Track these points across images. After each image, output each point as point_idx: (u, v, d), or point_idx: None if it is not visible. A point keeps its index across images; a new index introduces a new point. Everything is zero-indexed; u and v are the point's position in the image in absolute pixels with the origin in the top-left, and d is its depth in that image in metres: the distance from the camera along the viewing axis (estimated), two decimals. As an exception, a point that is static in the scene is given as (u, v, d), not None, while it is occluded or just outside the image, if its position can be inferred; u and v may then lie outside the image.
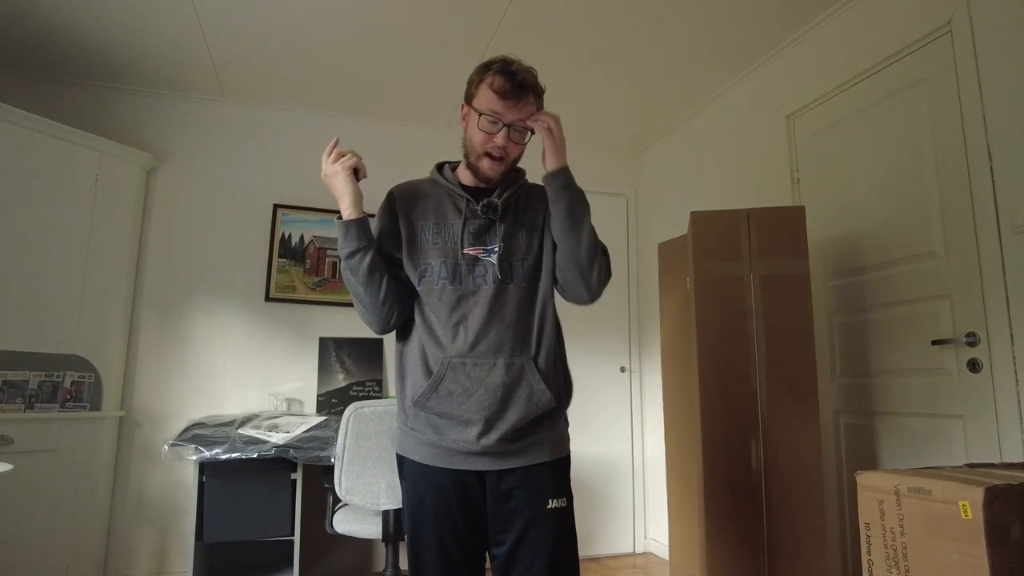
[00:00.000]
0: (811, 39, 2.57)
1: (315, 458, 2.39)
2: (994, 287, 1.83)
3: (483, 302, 1.30)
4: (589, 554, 3.46)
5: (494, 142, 1.29)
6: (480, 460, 1.28)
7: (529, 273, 1.34)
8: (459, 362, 1.27)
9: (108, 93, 3.10)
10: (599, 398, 3.62)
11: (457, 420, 1.27)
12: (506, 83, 1.25)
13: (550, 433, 1.32)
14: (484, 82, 1.28)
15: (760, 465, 2.05)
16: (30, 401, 2.49)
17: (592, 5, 2.44)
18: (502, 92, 1.25)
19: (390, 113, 3.43)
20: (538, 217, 1.38)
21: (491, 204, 1.33)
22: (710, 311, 2.16)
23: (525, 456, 1.29)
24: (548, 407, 1.29)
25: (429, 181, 1.43)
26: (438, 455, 1.29)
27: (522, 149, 1.36)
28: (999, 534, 1.10)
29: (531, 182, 1.44)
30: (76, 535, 2.60)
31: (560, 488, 1.31)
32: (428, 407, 1.28)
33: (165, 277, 3.07)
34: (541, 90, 1.32)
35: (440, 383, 1.27)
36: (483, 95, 1.28)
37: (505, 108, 1.26)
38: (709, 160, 3.24)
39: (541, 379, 1.29)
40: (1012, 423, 1.76)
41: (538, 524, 1.26)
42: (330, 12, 2.51)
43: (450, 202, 1.37)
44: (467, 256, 1.32)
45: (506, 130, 1.28)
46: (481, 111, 1.28)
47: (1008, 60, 1.83)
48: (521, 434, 1.28)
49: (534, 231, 1.37)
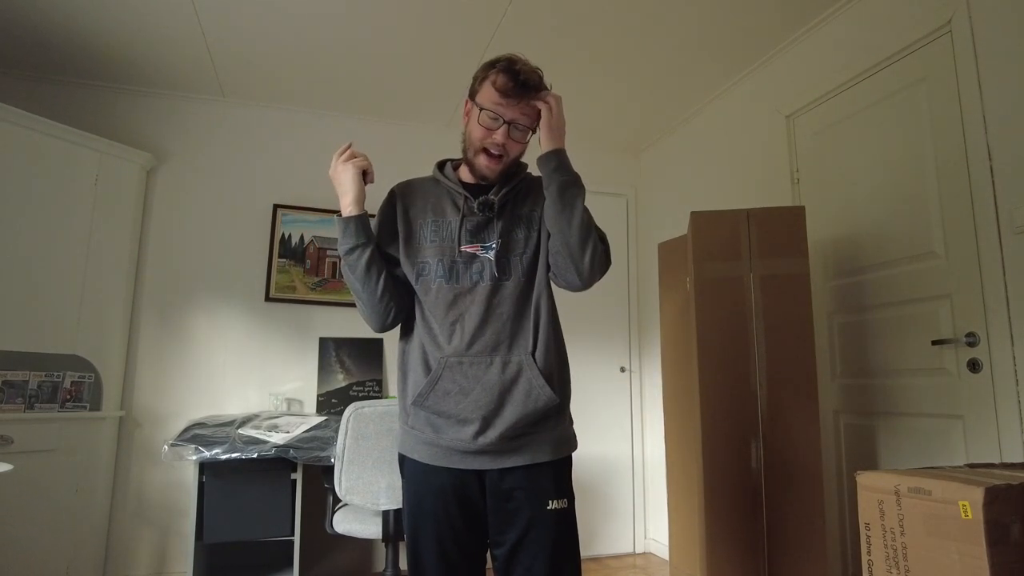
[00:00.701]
0: (811, 39, 2.57)
1: (315, 458, 2.39)
2: (994, 287, 1.83)
3: (479, 300, 1.30)
4: (589, 554, 3.46)
5: (493, 138, 1.29)
6: (479, 459, 1.28)
7: (527, 268, 1.33)
8: (456, 361, 1.27)
9: (108, 93, 3.10)
10: (599, 398, 3.62)
11: (455, 419, 1.27)
12: (509, 81, 1.25)
13: (552, 431, 1.31)
14: (488, 79, 1.28)
15: (760, 465, 2.05)
16: (30, 401, 2.49)
17: (592, 5, 2.44)
18: (504, 90, 1.25)
19: (390, 113, 3.43)
20: (536, 210, 1.37)
21: (487, 202, 1.32)
22: (710, 311, 2.16)
23: (526, 454, 1.28)
24: (549, 404, 1.28)
25: (431, 179, 1.43)
26: (437, 454, 1.29)
27: (522, 148, 1.35)
28: (999, 534, 1.10)
29: (533, 175, 1.43)
30: (76, 535, 2.60)
31: (561, 489, 1.30)
32: (426, 406, 1.28)
33: (165, 277, 3.07)
34: (547, 91, 1.31)
35: (437, 382, 1.27)
36: (486, 91, 1.28)
37: (507, 106, 1.26)
38: (709, 160, 3.24)
39: (540, 375, 1.28)
40: (1012, 423, 1.76)
41: (538, 525, 1.25)
42: (330, 12, 2.51)
43: (449, 199, 1.37)
44: (464, 253, 1.32)
45: (506, 127, 1.28)
46: (483, 106, 1.28)
47: (1008, 60, 1.83)
48: (522, 431, 1.27)
49: (532, 224, 1.36)
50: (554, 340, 1.33)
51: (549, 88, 1.31)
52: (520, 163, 1.40)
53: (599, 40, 2.68)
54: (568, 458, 1.35)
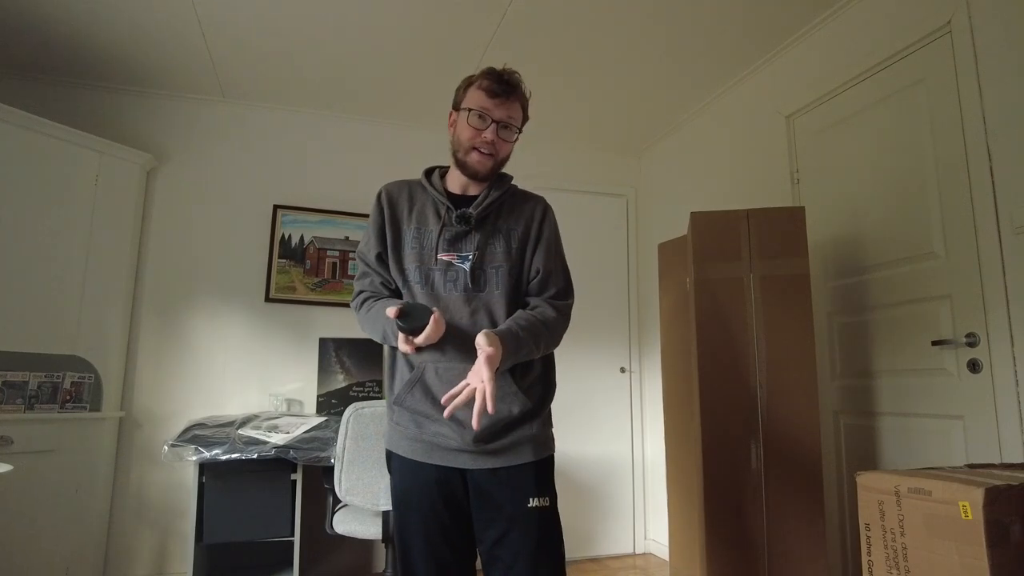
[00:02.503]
0: (811, 39, 2.57)
1: (315, 459, 2.39)
2: (994, 287, 1.83)
3: (454, 308, 1.32)
4: (589, 554, 3.46)
5: (483, 137, 1.33)
6: (460, 457, 1.30)
7: (502, 280, 1.35)
8: (432, 366, 1.31)
9: (108, 93, 3.10)
10: (599, 398, 3.62)
11: (433, 418, 1.30)
12: (495, 82, 1.32)
13: (532, 433, 1.32)
14: (473, 84, 1.35)
15: (760, 465, 2.05)
16: (30, 402, 2.49)
17: (592, 5, 2.44)
18: (491, 91, 1.32)
19: (390, 113, 3.43)
20: (518, 227, 1.40)
21: (464, 215, 1.35)
22: (710, 311, 2.16)
23: (508, 456, 1.30)
24: (523, 409, 1.30)
25: (418, 184, 1.46)
26: (420, 449, 1.32)
27: (511, 148, 1.39)
28: (999, 534, 1.10)
29: (518, 187, 1.47)
30: (76, 535, 2.60)
31: (543, 488, 1.31)
32: (406, 405, 1.32)
33: (165, 277, 3.07)
34: (526, 96, 1.39)
35: (416, 384, 1.31)
36: (472, 96, 1.34)
37: (494, 106, 1.32)
38: (709, 160, 3.24)
39: (513, 383, 1.30)
40: (1012, 423, 1.76)
41: (520, 523, 1.27)
42: (330, 12, 2.51)
43: (432, 208, 1.40)
44: (441, 262, 1.35)
45: (495, 126, 1.33)
46: (471, 108, 1.33)
47: (1008, 60, 1.83)
48: (496, 436, 1.29)
49: (512, 240, 1.39)
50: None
51: (529, 95, 1.39)
52: (505, 175, 1.44)
53: (599, 40, 2.68)
54: (549, 458, 1.37)
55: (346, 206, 3.33)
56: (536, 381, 1.37)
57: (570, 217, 3.72)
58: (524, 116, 1.40)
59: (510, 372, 1.30)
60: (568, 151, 3.78)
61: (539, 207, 1.45)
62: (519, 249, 1.39)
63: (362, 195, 3.29)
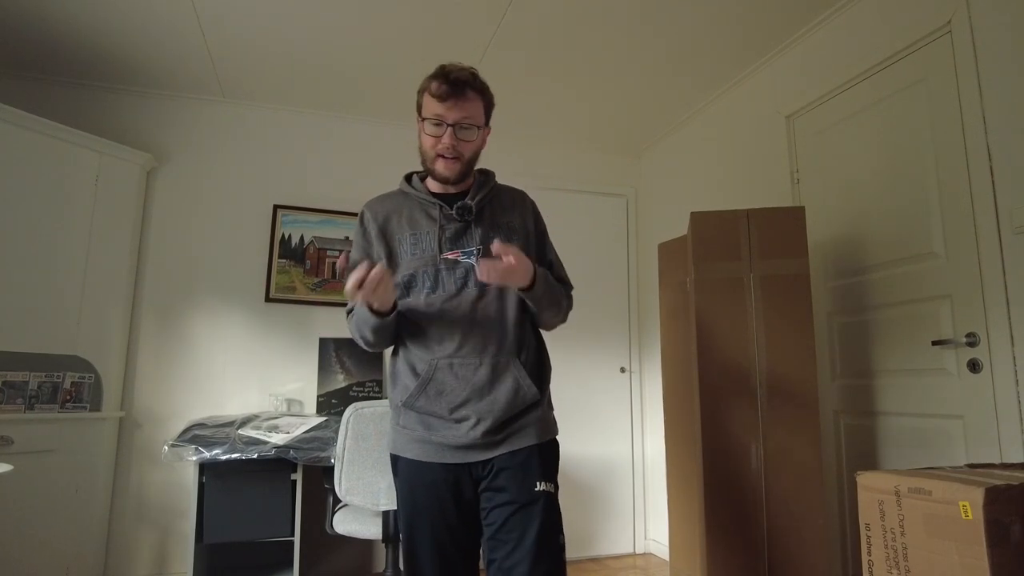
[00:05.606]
0: (811, 39, 2.57)
1: (315, 459, 2.39)
2: (994, 287, 1.83)
3: (466, 304, 1.34)
4: (589, 554, 3.46)
5: (442, 143, 1.33)
6: (469, 453, 1.31)
7: None
8: (446, 363, 1.32)
9: (108, 93, 3.10)
10: (599, 398, 3.62)
11: (446, 418, 1.31)
12: (441, 85, 1.30)
13: (535, 418, 1.35)
14: (425, 91, 1.34)
15: (760, 465, 2.05)
16: (30, 402, 2.49)
17: (591, 5, 2.44)
18: (439, 94, 1.30)
19: (390, 113, 3.43)
20: (514, 220, 1.43)
21: (465, 206, 1.36)
22: (710, 311, 2.16)
23: (514, 441, 1.32)
24: (534, 399, 1.34)
25: (399, 193, 1.47)
26: (429, 451, 1.32)
27: (476, 146, 1.38)
28: (999, 534, 1.10)
29: (502, 184, 1.48)
30: (76, 535, 2.59)
31: (548, 473, 1.33)
32: (416, 407, 1.33)
33: (165, 277, 3.07)
34: (481, 86, 1.35)
35: (428, 384, 1.32)
36: (426, 103, 1.34)
37: (446, 109, 1.31)
38: (709, 160, 3.24)
39: (527, 374, 1.34)
40: (1012, 423, 1.76)
41: (525, 505, 1.28)
42: (330, 13, 2.51)
43: (422, 211, 1.41)
44: (447, 261, 1.35)
45: (451, 130, 1.32)
46: (426, 116, 1.33)
47: (1008, 60, 1.83)
48: (505, 425, 1.32)
49: (512, 234, 1.41)
50: (535, 338, 1.42)
51: (484, 84, 1.36)
52: (487, 172, 1.46)
53: (599, 40, 2.68)
54: (553, 443, 1.39)
55: (346, 206, 3.33)
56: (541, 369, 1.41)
57: (570, 217, 3.72)
58: (486, 107, 1.37)
59: (522, 364, 1.34)
60: (568, 151, 3.77)
61: (527, 200, 1.50)
62: (520, 242, 1.40)
63: (362, 195, 3.23)
